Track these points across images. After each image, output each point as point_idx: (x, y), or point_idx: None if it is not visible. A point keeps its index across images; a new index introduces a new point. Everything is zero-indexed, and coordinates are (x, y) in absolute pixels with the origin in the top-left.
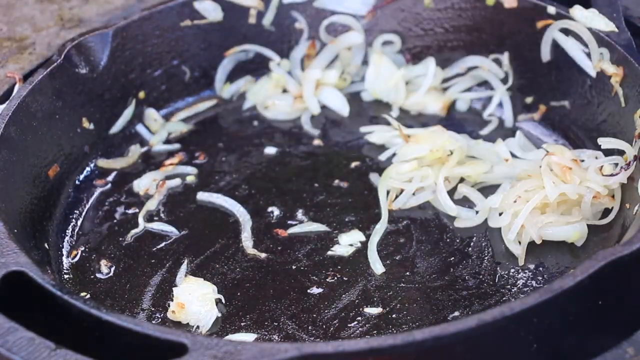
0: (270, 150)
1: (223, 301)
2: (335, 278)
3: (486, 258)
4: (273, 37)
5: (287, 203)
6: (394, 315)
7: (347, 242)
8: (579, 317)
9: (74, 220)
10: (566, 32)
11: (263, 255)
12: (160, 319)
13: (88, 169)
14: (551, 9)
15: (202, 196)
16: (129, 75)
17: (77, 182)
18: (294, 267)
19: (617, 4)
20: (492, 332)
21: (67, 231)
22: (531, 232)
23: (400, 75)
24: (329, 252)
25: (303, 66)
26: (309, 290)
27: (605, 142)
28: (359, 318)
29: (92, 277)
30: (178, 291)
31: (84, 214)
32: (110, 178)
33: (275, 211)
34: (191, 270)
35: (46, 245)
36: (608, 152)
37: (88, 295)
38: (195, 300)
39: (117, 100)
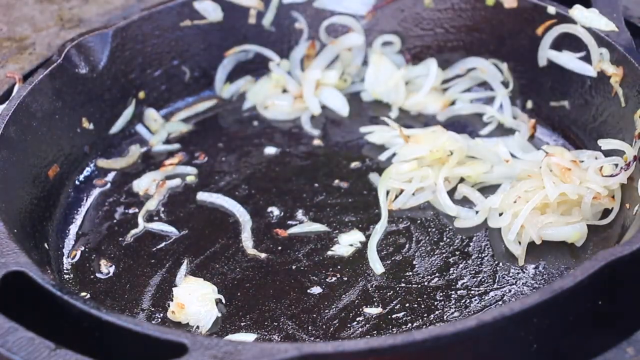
0: (270, 150)
1: (223, 301)
2: (335, 278)
3: (486, 258)
4: (273, 37)
5: (287, 203)
6: (394, 315)
7: (347, 242)
8: (579, 317)
9: (74, 220)
10: (559, 46)
11: (263, 255)
12: (160, 319)
13: (88, 169)
14: (551, 9)
15: (202, 196)
16: (128, 75)
17: (77, 182)
18: (294, 267)
19: (617, 4)
20: (492, 332)
21: (67, 231)
22: (531, 232)
23: (400, 76)
24: (329, 252)
25: (303, 66)
26: (309, 290)
27: (606, 144)
28: (359, 318)
29: (92, 277)
30: (178, 291)
31: (84, 214)
32: (110, 178)
33: (275, 211)
34: (191, 270)
35: (46, 245)
36: (608, 153)
37: (88, 295)
38: (195, 300)
39: (117, 100)
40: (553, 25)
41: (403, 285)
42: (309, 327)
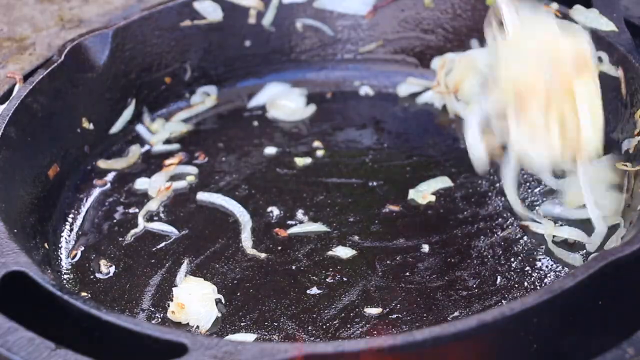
0: (270, 150)
1: (223, 301)
2: (335, 278)
3: (487, 258)
4: (273, 37)
5: (287, 203)
6: (394, 315)
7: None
8: (579, 317)
9: (73, 220)
10: None
11: (263, 255)
12: (160, 319)
13: (88, 169)
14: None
15: (202, 196)
16: (128, 75)
17: (77, 182)
18: (293, 267)
19: (617, 4)
20: (492, 332)
21: (67, 231)
22: None
23: None
24: (329, 252)
25: None
26: (308, 291)
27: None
28: (359, 318)
29: (92, 277)
30: (178, 291)
31: (83, 214)
32: (110, 178)
33: (275, 211)
34: (191, 270)
35: (46, 245)
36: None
37: (88, 295)
38: (195, 300)
39: (117, 100)
40: None
41: (403, 285)
42: (309, 327)
